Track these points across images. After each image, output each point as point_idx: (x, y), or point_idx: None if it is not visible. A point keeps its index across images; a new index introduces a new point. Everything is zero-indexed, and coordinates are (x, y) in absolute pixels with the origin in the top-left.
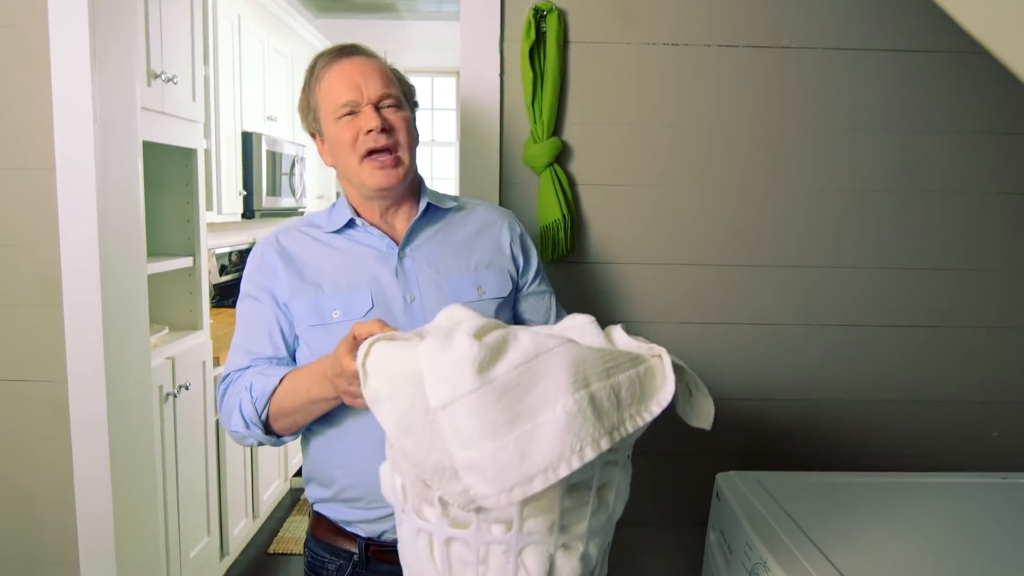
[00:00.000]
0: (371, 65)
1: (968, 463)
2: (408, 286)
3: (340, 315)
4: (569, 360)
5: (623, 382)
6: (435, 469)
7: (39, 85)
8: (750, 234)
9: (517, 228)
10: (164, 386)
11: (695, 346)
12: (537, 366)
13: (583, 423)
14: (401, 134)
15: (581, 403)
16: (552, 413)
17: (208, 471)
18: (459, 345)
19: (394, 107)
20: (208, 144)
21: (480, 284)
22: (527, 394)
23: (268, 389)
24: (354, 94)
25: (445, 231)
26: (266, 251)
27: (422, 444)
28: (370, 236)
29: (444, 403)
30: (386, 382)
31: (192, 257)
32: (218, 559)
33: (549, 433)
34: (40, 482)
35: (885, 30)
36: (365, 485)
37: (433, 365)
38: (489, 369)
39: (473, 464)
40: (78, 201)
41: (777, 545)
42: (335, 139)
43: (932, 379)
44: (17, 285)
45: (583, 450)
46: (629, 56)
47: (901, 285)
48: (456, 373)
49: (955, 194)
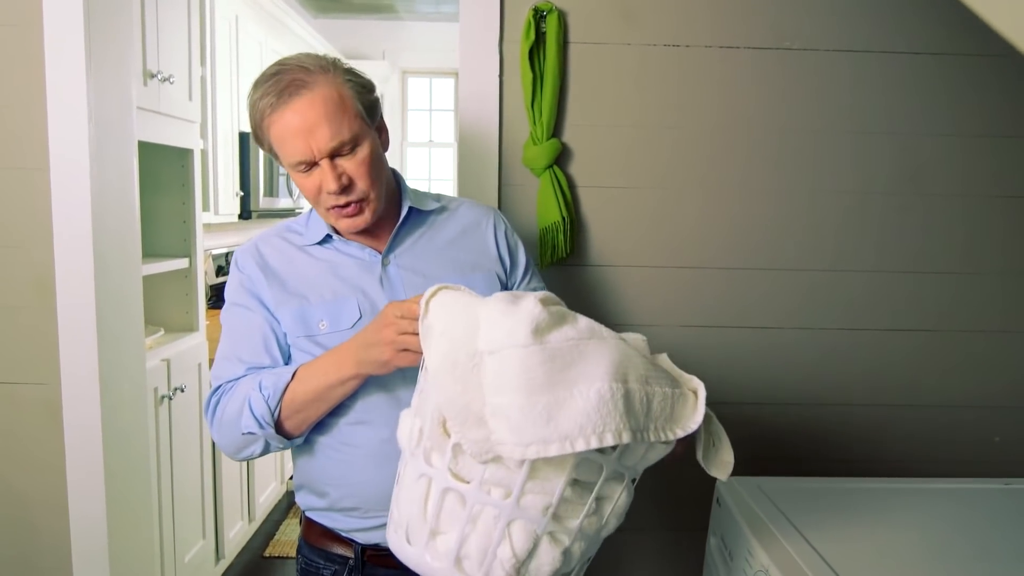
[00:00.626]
0: (315, 110)
1: (970, 469)
2: (394, 293)
3: (327, 326)
4: (617, 352)
5: (657, 394)
6: (463, 410)
7: (34, 84)
8: (751, 237)
9: (502, 226)
10: (159, 388)
11: (695, 349)
12: (587, 346)
13: (612, 410)
14: (362, 182)
15: (615, 392)
16: (587, 390)
17: (203, 474)
18: (527, 304)
19: (351, 150)
20: (205, 144)
21: (469, 288)
22: (570, 367)
23: (281, 384)
24: (305, 152)
25: (428, 235)
26: (247, 262)
27: (459, 383)
28: (350, 247)
29: (494, 348)
30: (444, 318)
31: (188, 258)
32: (213, 563)
33: (578, 407)
34: (33, 485)
35: (887, 32)
36: (362, 495)
37: (495, 314)
38: (545, 334)
39: (501, 409)
40: (73, 201)
41: (779, 552)
42: (298, 184)
43: (933, 383)
44: (10, 286)
45: (604, 433)
46: (630, 57)
47: (901, 288)
48: (514, 326)
49: (956, 197)
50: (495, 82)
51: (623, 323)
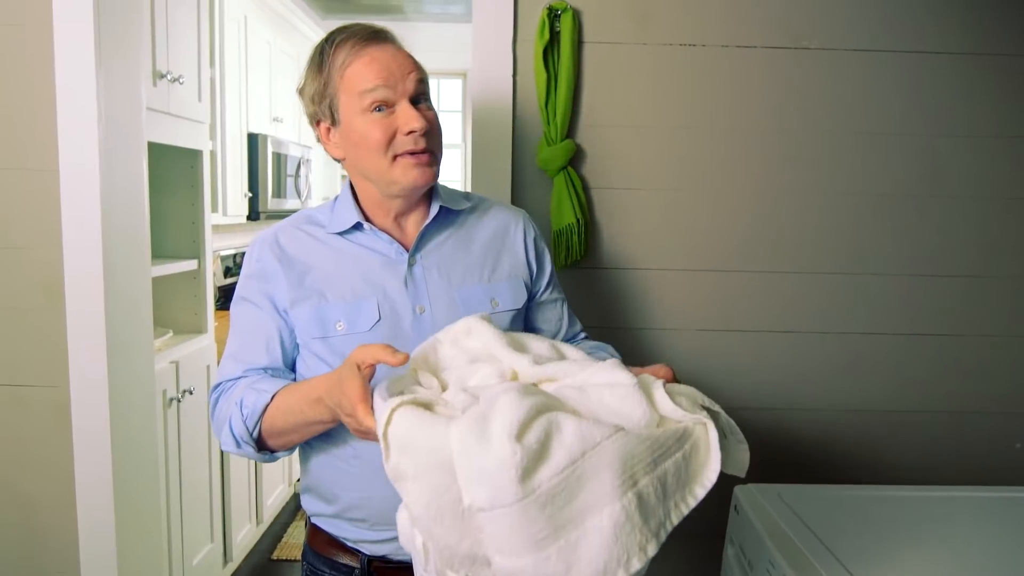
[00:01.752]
0: (403, 54)
1: (993, 476)
2: (418, 296)
3: (345, 327)
4: (617, 457)
5: (669, 469)
6: (466, 556)
7: (43, 84)
8: (767, 239)
9: (532, 232)
10: (168, 390)
11: (711, 354)
12: (583, 467)
13: (631, 531)
14: (438, 135)
15: (628, 508)
16: (599, 521)
17: (212, 476)
18: (499, 447)
19: (428, 103)
20: (213, 145)
21: (493, 296)
22: (572, 500)
23: (259, 406)
24: (389, 89)
25: (457, 236)
26: (264, 253)
27: (453, 532)
28: (378, 240)
29: (482, 507)
30: (411, 461)
31: (197, 260)
32: (221, 565)
33: (595, 544)
34: (41, 488)
35: (904, 32)
36: (372, 508)
37: (468, 462)
38: (532, 476)
39: (512, 571)
40: (82, 203)
41: (801, 562)
42: (361, 134)
43: (954, 389)
44: (19, 288)
45: (629, 561)
46: (645, 57)
47: (922, 292)
48: (496, 480)
49: (975, 199)
50: (508, 82)
51: (638, 327)
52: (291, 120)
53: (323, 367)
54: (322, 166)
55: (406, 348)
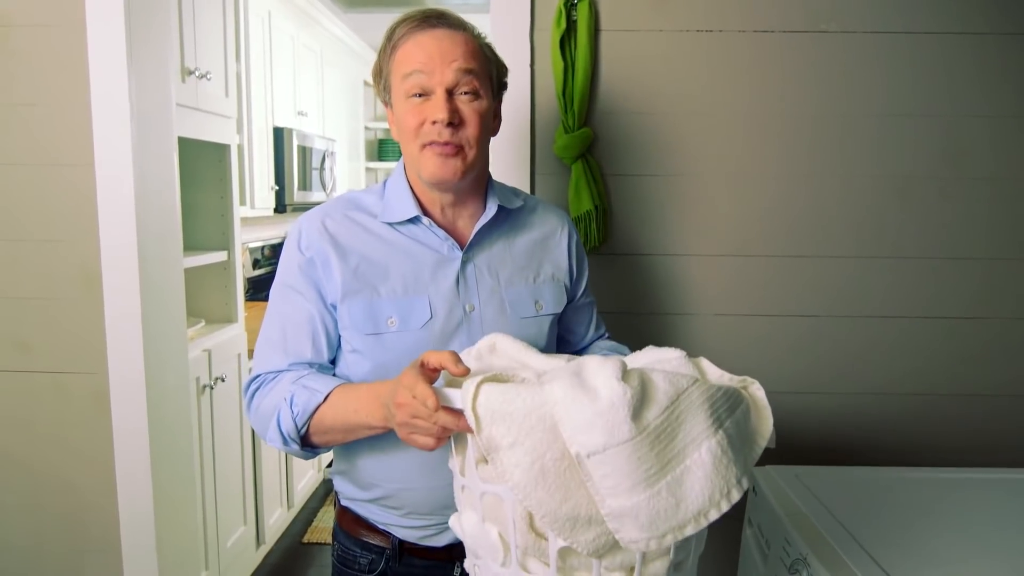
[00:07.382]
0: (453, 41)
1: (1012, 458)
2: (468, 295)
3: (396, 324)
4: (706, 399)
5: (739, 417)
6: (570, 518)
7: (78, 83)
8: (785, 223)
9: (575, 236)
10: (201, 378)
11: (731, 338)
12: (680, 408)
13: (727, 464)
14: (471, 129)
15: (722, 443)
16: (699, 456)
17: (244, 462)
18: (609, 391)
19: (471, 95)
20: (241, 139)
21: (538, 298)
22: (674, 438)
23: (311, 406)
24: (427, 76)
25: (508, 236)
26: (314, 238)
27: (557, 491)
28: (433, 236)
29: (594, 451)
30: (506, 428)
31: (227, 251)
32: (254, 548)
33: (699, 477)
34: (83, 471)
35: (924, 12)
36: (410, 499)
37: (579, 410)
38: (642, 415)
39: (625, 511)
40: (116, 197)
41: (818, 541)
42: (400, 118)
43: (976, 371)
44: (59, 279)
45: (730, 492)
46: (661, 44)
47: (942, 274)
48: (610, 420)
49: (996, 180)
50: (526, 71)
51: (656, 312)
52: (315, 114)
53: (364, 364)
54: (346, 159)
55: (453, 346)
